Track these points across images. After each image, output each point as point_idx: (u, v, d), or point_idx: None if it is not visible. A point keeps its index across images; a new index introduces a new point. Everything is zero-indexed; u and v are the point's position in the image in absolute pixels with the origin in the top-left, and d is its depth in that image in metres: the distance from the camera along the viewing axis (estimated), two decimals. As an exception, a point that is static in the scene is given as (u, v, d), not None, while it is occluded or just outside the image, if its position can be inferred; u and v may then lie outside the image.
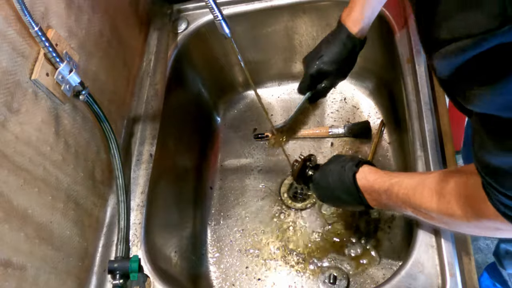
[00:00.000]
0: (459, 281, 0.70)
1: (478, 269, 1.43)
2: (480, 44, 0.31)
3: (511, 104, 0.34)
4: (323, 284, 0.97)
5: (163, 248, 0.95)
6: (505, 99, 0.34)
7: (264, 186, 1.15)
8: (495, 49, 0.31)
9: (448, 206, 0.59)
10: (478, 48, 0.32)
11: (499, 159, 0.41)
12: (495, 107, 0.36)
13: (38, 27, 0.68)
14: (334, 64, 0.89)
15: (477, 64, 0.33)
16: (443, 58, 0.35)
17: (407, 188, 0.68)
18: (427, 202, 0.63)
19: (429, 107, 0.88)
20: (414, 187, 0.67)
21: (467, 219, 0.56)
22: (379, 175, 0.75)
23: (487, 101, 0.35)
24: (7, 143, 0.64)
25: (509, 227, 0.49)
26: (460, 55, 0.33)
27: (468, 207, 0.54)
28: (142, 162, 0.96)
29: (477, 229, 0.60)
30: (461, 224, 0.60)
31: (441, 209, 0.61)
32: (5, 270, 0.62)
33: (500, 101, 0.35)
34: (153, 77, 1.08)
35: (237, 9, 1.15)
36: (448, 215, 0.60)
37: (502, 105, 0.35)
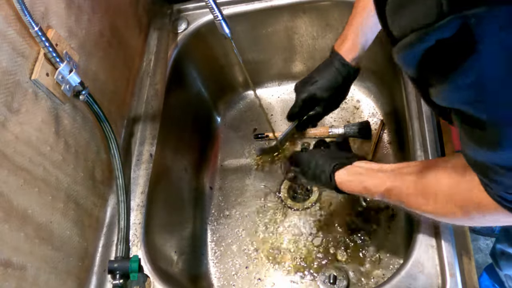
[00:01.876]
0: (459, 281, 0.70)
1: (478, 269, 1.43)
2: (423, 39, 0.31)
3: (469, 99, 0.34)
4: (323, 284, 0.97)
5: (163, 248, 0.95)
6: (461, 95, 0.34)
7: (264, 186, 1.15)
8: (438, 45, 0.31)
9: (446, 207, 0.57)
10: (423, 43, 0.32)
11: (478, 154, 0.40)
12: (456, 102, 0.35)
13: (38, 27, 0.68)
14: (327, 90, 0.87)
15: (428, 61, 0.33)
16: (398, 54, 0.35)
17: (399, 195, 0.66)
18: (423, 205, 0.62)
19: (430, 110, 0.88)
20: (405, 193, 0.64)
21: (469, 216, 0.55)
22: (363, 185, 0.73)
23: (447, 96, 0.35)
24: (7, 143, 0.64)
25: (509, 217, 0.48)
26: (409, 50, 0.33)
27: (469, 205, 0.53)
28: (142, 162, 0.96)
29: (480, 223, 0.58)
30: (463, 221, 0.60)
31: (438, 210, 0.60)
32: (5, 270, 0.62)
33: (458, 96, 0.34)
34: (153, 77, 1.08)
35: (237, 9, 1.15)
36: (447, 215, 0.59)
37: (460, 100, 0.35)
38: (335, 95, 0.89)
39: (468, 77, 0.31)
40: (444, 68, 0.33)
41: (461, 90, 0.33)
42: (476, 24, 0.28)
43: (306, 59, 1.27)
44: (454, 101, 0.35)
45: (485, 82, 0.31)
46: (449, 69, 0.32)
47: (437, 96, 0.37)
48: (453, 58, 0.31)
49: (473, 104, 0.34)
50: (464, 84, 0.32)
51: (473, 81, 0.31)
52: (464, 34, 0.29)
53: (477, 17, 0.28)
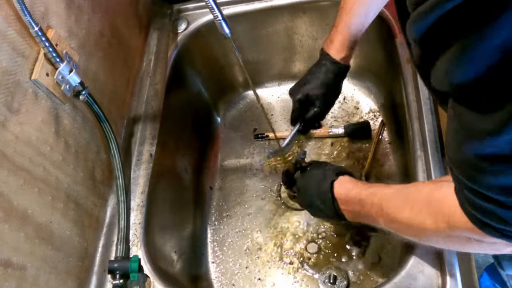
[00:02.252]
0: (459, 281, 0.70)
1: (478, 269, 1.43)
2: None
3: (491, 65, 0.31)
4: (323, 284, 0.97)
5: (163, 248, 0.95)
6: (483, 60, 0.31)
7: (264, 186, 1.15)
8: (465, 3, 0.29)
9: (419, 216, 0.57)
10: (448, 3, 0.30)
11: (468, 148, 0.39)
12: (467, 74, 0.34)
13: (38, 27, 0.68)
14: (319, 88, 0.88)
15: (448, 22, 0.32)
16: (415, 22, 0.34)
17: (381, 199, 0.67)
18: (399, 212, 0.62)
19: (429, 107, 0.88)
20: (388, 197, 0.66)
21: (438, 230, 0.54)
22: (357, 185, 0.76)
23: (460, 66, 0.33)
24: (7, 143, 0.64)
25: (479, 237, 0.47)
26: (430, 14, 0.32)
27: (439, 217, 0.53)
28: (142, 162, 0.96)
29: (448, 241, 0.58)
30: (432, 236, 0.58)
31: (411, 219, 0.59)
32: (5, 270, 0.62)
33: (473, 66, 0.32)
34: (153, 77, 1.08)
35: (237, 9, 1.15)
36: (418, 226, 0.58)
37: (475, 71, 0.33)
38: (328, 93, 0.90)
39: (497, 38, 0.29)
40: (466, 30, 0.30)
41: (484, 55, 0.31)
42: None
43: (306, 59, 1.27)
44: (470, 72, 0.33)
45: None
46: (474, 31, 0.30)
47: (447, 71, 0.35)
48: (480, 18, 0.29)
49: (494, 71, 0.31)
50: (490, 46, 0.30)
51: (502, 41, 0.29)
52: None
53: None
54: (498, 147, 0.35)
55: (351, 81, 1.26)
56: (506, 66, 0.30)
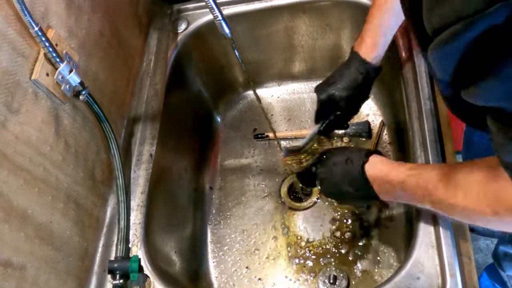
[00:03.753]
0: (459, 281, 0.70)
1: (478, 269, 1.43)
2: (470, 27, 0.31)
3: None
4: (323, 284, 0.97)
5: (163, 248, 0.95)
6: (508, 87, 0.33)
7: (264, 186, 1.15)
8: (488, 33, 0.30)
9: (476, 203, 0.55)
10: (470, 32, 0.31)
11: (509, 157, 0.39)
12: (503, 96, 0.34)
13: (38, 27, 0.68)
14: (346, 90, 0.84)
15: (473, 52, 0.32)
16: (437, 48, 0.34)
17: (428, 181, 0.63)
18: (452, 197, 0.59)
19: (429, 107, 0.88)
20: (436, 179, 0.61)
21: (498, 217, 0.52)
22: (393, 166, 0.71)
23: (492, 92, 0.34)
24: (7, 143, 0.64)
25: None
26: (453, 42, 0.32)
27: (499, 206, 0.51)
28: (142, 162, 0.96)
29: (508, 226, 0.57)
30: (491, 221, 0.56)
31: (467, 205, 0.57)
32: (5, 270, 0.62)
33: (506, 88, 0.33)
34: (153, 77, 1.08)
35: (237, 9, 1.15)
36: (475, 212, 0.56)
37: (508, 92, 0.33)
38: (355, 95, 0.86)
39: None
40: (492, 58, 0.32)
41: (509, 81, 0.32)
42: None
43: (306, 59, 1.27)
44: (500, 96, 0.34)
45: None
46: (499, 59, 0.31)
47: (478, 94, 0.35)
48: (503, 46, 0.30)
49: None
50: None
51: None
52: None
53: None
54: None
55: (351, 81, 1.25)
56: None
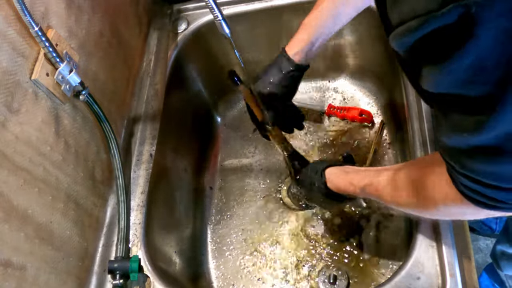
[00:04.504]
0: (459, 281, 0.70)
1: (478, 269, 1.43)
2: (423, 26, 0.33)
3: (459, 83, 0.36)
4: (323, 284, 0.97)
5: (163, 248, 0.95)
6: (456, 77, 0.36)
7: (264, 186, 1.15)
8: (439, 30, 0.33)
9: (416, 198, 0.61)
10: (422, 29, 0.33)
11: (454, 140, 0.43)
12: (445, 86, 0.38)
13: (38, 27, 0.68)
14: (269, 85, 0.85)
15: (425, 45, 0.35)
16: (395, 40, 0.37)
17: (377, 189, 0.70)
18: (397, 198, 0.66)
19: (429, 107, 0.88)
20: (383, 185, 0.69)
21: (437, 208, 0.58)
22: (348, 180, 0.77)
23: (438, 80, 0.37)
24: (7, 143, 0.64)
25: (473, 210, 0.51)
26: (407, 36, 0.35)
27: (436, 197, 0.56)
28: (142, 162, 0.96)
29: (447, 216, 0.65)
30: (432, 213, 0.63)
31: (410, 202, 0.63)
32: (5, 270, 0.62)
33: (449, 80, 0.36)
34: (153, 77, 1.08)
35: (237, 9, 1.15)
36: (418, 207, 0.63)
37: (451, 83, 0.37)
38: (281, 91, 0.86)
39: (466, 59, 0.33)
40: (441, 52, 0.34)
41: (456, 73, 0.35)
42: (476, 12, 0.30)
43: (306, 59, 1.27)
44: (447, 85, 0.37)
45: (482, 63, 0.33)
46: (447, 53, 0.34)
47: (429, 81, 0.38)
48: (451, 43, 0.33)
49: (467, 85, 0.36)
50: (461, 67, 0.34)
51: (471, 63, 0.33)
52: (464, 20, 0.31)
53: (477, 5, 0.30)
54: (481, 141, 0.39)
55: (351, 81, 1.26)
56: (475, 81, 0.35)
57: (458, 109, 0.39)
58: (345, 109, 1.20)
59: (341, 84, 1.27)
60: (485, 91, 0.35)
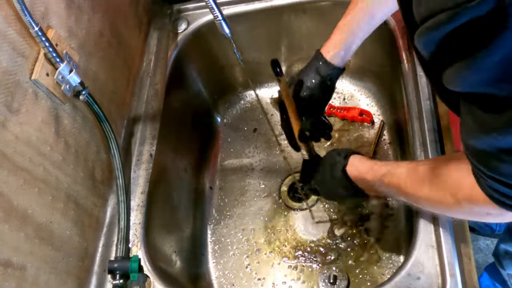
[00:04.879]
0: (459, 281, 0.70)
1: (478, 269, 1.43)
2: (454, 18, 0.32)
3: (490, 80, 0.34)
4: (323, 284, 0.97)
5: (163, 248, 0.95)
6: (486, 74, 0.34)
7: (264, 186, 1.15)
8: (469, 23, 0.31)
9: (439, 193, 0.59)
10: (453, 22, 0.32)
11: (483, 141, 0.41)
12: (473, 84, 0.36)
13: (38, 27, 0.68)
14: (306, 90, 0.83)
15: (454, 39, 0.34)
16: (422, 35, 0.36)
17: (399, 178, 0.68)
18: (418, 191, 0.64)
19: (429, 107, 0.88)
20: (405, 176, 0.67)
21: (459, 206, 0.56)
22: (370, 165, 0.76)
23: (467, 77, 0.36)
24: (7, 143, 0.64)
25: (499, 211, 0.50)
26: (437, 30, 0.34)
27: (459, 194, 0.55)
28: (142, 162, 0.96)
29: (469, 215, 0.62)
30: (453, 210, 0.61)
31: (432, 197, 0.62)
32: (5, 270, 0.62)
33: (478, 77, 0.35)
34: (153, 77, 1.08)
35: (237, 9, 1.15)
36: (439, 203, 0.61)
37: (481, 81, 0.35)
38: (318, 95, 0.84)
39: (497, 55, 0.32)
40: (470, 47, 0.33)
41: (486, 69, 0.33)
42: (510, 2, 0.29)
43: (306, 59, 1.26)
44: (474, 83, 0.36)
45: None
46: (477, 48, 0.32)
47: (454, 80, 0.37)
48: (482, 36, 0.32)
49: (496, 83, 0.34)
50: (491, 62, 0.33)
51: (502, 58, 0.32)
52: (497, 12, 0.29)
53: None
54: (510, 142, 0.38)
55: (351, 81, 1.26)
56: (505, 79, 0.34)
57: (487, 108, 0.38)
58: (345, 109, 1.20)
59: (341, 84, 1.26)
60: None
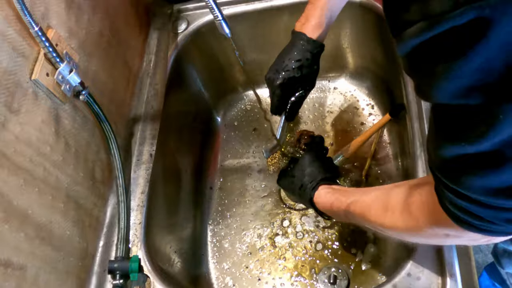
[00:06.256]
0: (459, 281, 0.70)
1: (478, 269, 1.43)
2: (435, 26, 0.32)
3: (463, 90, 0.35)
4: (323, 284, 0.97)
5: (163, 248, 0.95)
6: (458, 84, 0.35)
7: (264, 186, 1.15)
8: (449, 32, 0.32)
9: (400, 220, 0.59)
10: (434, 29, 0.33)
11: (450, 151, 0.41)
12: (448, 94, 0.36)
13: (38, 27, 0.68)
14: (299, 69, 0.85)
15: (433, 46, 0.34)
16: (401, 42, 0.36)
17: (362, 207, 0.69)
18: (380, 218, 0.64)
19: (429, 107, 0.88)
20: (368, 204, 0.68)
21: (419, 229, 0.56)
22: (336, 197, 0.78)
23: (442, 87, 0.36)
24: (7, 143, 0.64)
25: (457, 233, 0.50)
26: (417, 37, 0.34)
27: (420, 218, 0.55)
28: (142, 162, 0.96)
29: (429, 238, 0.61)
30: (414, 235, 0.61)
31: (394, 223, 0.61)
32: (5, 270, 0.62)
33: (453, 86, 0.35)
34: (153, 77, 1.08)
35: (237, 9, 1.15)
36: (401, 229, 0.60)
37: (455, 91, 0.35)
38: (308, 72, 0.87)
39: (475, 62, 0.32)
40: (448, 54, 0.34)
41: (463, 77, 0.34)
42: (490, 13, 0.30)
43: (306, 59, 1.27)
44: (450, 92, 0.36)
45: (490, 66, 0.32)
46: (455, 55, 0.33)
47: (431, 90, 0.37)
48: (460, 45, 0.32)
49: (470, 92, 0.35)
50: (470, 70, 0.33)
51: (479, 65, 0.33)
52: (476, 22, 0.30)
53: (491, 7, 0.29)
54: (479, 149, 0.37)
55: (351, 81, 1.26)
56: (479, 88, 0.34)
57: (457, 120, 0.38)
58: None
59: (341, 84, 1.27)
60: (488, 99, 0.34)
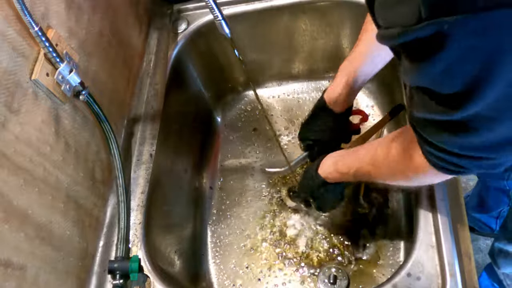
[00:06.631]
0: (459, 281, 0.70)
1: (478, 269, 1.43)
2: (403, 35, 0.38)
3: (433, 82, 0.42)
4: (323, 284, 0.97)
5: (163, 248, 0.95)
6: (428, 79, 0.42)
7: (264, 186, 1.15)
8: (416, 40, 0.38)
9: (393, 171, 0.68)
10: (402, 38, 0.39)
11: (423, 114, 0.49)
12: (421, 83, 0.44)
13: (38, 27, 0.68)
14: (323, 132, 0.92)
15: (405, 49, 0.42)
16: (381, 40, 0.43)
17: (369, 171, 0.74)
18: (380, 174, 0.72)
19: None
20: (369, 167, 0.73)
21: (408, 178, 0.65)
22: (337, 160, 0.83)
23: (415, 79, 0.44)
24: (7, 143, 0.64)
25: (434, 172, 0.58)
26: (391, 40, 0.42)
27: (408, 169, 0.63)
28: (142, 162, 0.96)
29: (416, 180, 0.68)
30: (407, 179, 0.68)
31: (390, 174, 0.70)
32: (5, 270, 0.62)
33: (424, 80, 0.43)
34: (153, 77, 1.08)
35: (237, 9, 1.15)
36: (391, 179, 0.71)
37: (426, 82, 0.43)
38: (333, 135, 0.93)
39: (438, 67, 0.39)
40: (418, 57, 0.40)
41: (429, 76, 0.41)
42: (448, 29, 0.35)
43: (306, 59, 1.27)
44: (422, 82, 0.44)
45: (451, 71, 0.39)
46: (422, 59, 0.39)
47: (407, 77, 0.45)
48: (426, 52, 0.39)
49: (437, 85, 0.42)
50: (434, 73, 0.40)
51: (442, 70, 0.39)
52: (437, 35, 0.36)
53: (449, 24, 0.35)
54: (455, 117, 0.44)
55: (351, 81, 1.26)
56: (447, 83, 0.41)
57: (431, 97, 0.45)
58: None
59: (341, 84, 1.26)
60: (454, 90, 0.41)
